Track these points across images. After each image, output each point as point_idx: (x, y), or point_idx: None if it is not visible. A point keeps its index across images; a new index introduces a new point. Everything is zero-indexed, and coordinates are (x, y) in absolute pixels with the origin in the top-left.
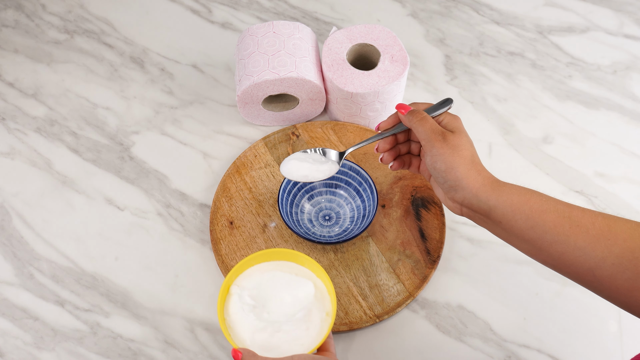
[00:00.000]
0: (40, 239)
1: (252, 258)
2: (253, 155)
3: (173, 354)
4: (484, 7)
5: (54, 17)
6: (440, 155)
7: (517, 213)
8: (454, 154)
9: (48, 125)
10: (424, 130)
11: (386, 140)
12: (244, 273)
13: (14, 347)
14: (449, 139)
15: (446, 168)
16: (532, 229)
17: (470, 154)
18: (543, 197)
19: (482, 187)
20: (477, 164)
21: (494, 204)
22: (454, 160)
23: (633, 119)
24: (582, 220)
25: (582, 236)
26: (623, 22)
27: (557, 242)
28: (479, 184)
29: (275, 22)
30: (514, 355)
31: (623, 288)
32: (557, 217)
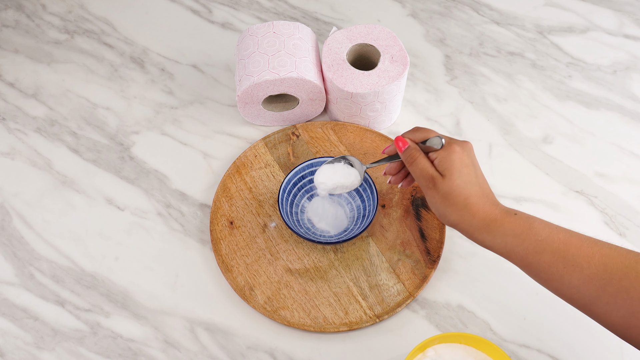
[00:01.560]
0: (41, 239)
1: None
2: (253, 155)
3: (173, 354)
4: (484, 7)
5: (54, 17)
6: (432, 203)
7: (512, 254)
8: (445, 202)
9: (48, 125)
10: (415, 175)
11: (392, 166)
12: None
13: (14, 347)
14: (438, 186)
15: (440, 214)
16: (527, 268)
17: (464, 197)
18: (539, 236)
19: (476, 230)
20: (471, 205)
21: (489, 245)
22: (445, 209)
23: (633, 119)
24: (578, 259)
25: (576, 275)
26: (623, 22)
27: (552, 280)
28: (473, 228)
29: (276, 22)
30: (514, 355)
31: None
32: (551, 257)
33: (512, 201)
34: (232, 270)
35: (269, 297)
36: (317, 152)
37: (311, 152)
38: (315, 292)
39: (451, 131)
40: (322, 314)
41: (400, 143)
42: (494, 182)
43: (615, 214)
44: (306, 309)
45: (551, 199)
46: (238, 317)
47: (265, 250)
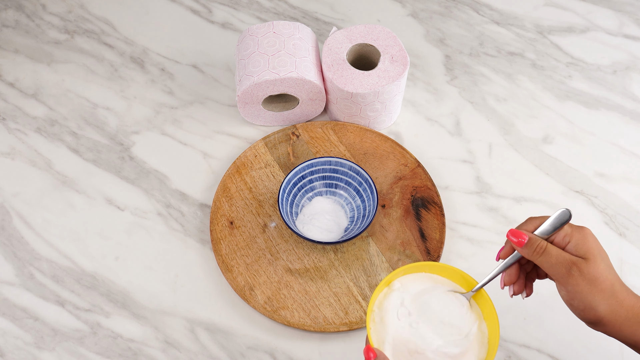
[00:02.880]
0: (41, 239)
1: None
2: (253, 155)
3: (173, 354)
4: (484, 7)
5: (54, 17)
6: (578, 293)
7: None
8: (593, 289)
9: (48, 125)
10: (551, 265)
11: (510, 273)
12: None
13: (14, 347)
14: (584, 271)
15: (584, 307)
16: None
17: (610, 283)
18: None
19: (626, 322)
20: (618, 292)
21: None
22: (594, 298)
23: (633, 119)
24: None
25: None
26: (623, 22)
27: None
28: (622, 318)
29: (276, 22)
30: (514, 355)
31: None
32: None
33: (512, 201)
34: (232, 270)
35: (269, 297)
36: (317, 152)
37: (311, 152)
38: (315, 292)
39: (451, 131)
40: (322, 314)
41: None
42: (494, 182)
43: (615, 214)
44: (306, 309)
45: (551, 199)
46: (238, 317)
47: (265, 250)
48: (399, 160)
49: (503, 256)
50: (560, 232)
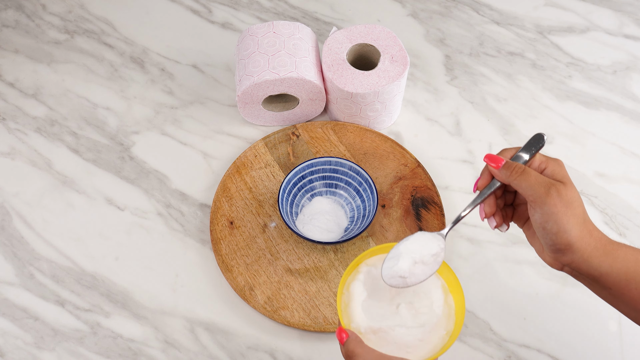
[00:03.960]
0: (41, 239)
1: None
2: (253, 155)
3: (173, 354)
4: (484, 7)
5: (54, 17)
6: (553, 214)
7: (632, 282)
8: (568, 212)
9: (48, 125)
10: (529, 185)
11: (489, 203)
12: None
13: (14, 347)
14: (562, 192)
15: (558, 230)
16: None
17: (582, 210)
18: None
19: (594, 252)
20: (588, 222)
21: (606, 271)
22: (567, 220)
23: (633, 119)
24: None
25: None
26: (623, 22)
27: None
28: (591, 247)
29: (276, 22)
30: (514, 355)
31: None
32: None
33: None
34: (232, 270)
35: (269, 297)
36: (317, 152)
37: (311, 152)
38: (315, 292)
39: (451, 131)
40: (322, 314)
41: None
42: None
43: (615, 214)
44: (306, 309)
45: None
46: (238, 317)
47: (265, 250)
48: (399, 160)
49: (480, 186)
50: (536, 160)
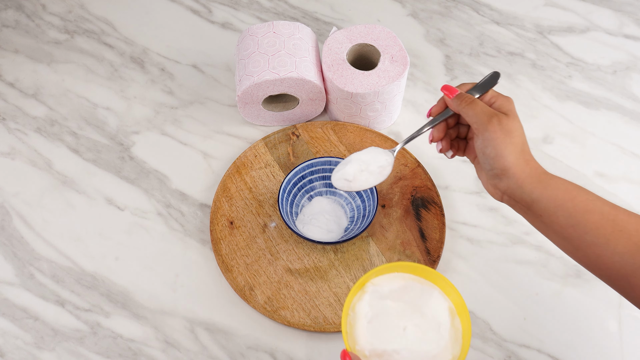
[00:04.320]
0: (41, 239)
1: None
2: (253, 155)
3: (173, 354)
4: (484, 7)
5: (54, 17)
6: (492, 140)
7: (560, 209)
8: (506, 139)
9: (48, 125)
10: (475, 113)
11: (439, 128)
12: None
13: (14, 347)
14: (503, 122)
15: (495, 155)
16: (573, 227)
17: (521, 141)
18: (590, 196)
19: (528, 179)
20: (526, 152)
21: (538, 197)
22: (505, 147)
23: (633, 119)
24: (627, 225)
25: (623, 242)
26: (623, 22)
27: (596, 244)
28: (525, 174)
29: (276, 22)
30: (514, 355)
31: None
32: (600, 218)
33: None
34: (232, 270)
35: (269, 297)
36: (317, 152)
37: (311, 152)
38: (315, 292)
39: None
40: (322, 314)
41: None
42: None
43: None
44: (306, 309)
45: None
46: (238, 317)
47: (265, 250)
48: (399, 160)
49: (434, 113)
50: (488, 94)
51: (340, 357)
